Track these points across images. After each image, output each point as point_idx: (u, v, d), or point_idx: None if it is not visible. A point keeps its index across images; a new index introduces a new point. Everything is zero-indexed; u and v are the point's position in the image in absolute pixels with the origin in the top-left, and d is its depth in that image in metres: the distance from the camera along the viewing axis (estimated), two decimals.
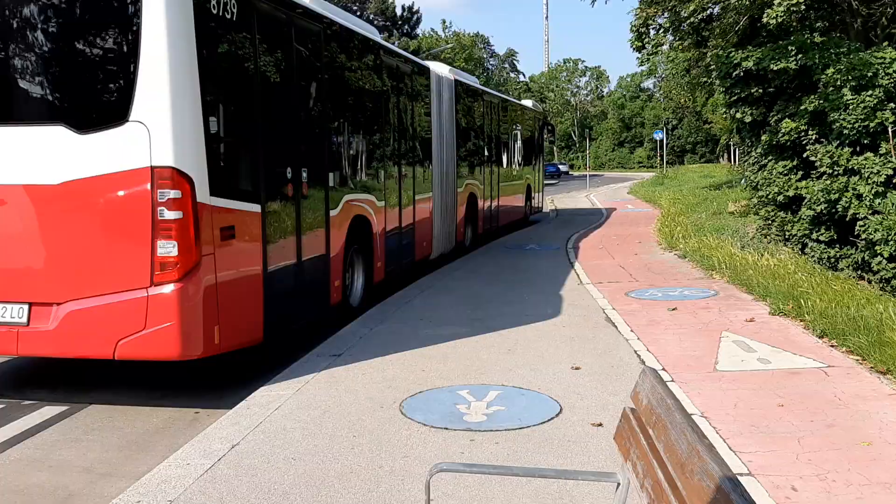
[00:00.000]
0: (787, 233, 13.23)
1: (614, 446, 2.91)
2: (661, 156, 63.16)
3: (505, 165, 19.20)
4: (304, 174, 7.60)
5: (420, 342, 7.57)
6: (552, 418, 5.37)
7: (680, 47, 23.58)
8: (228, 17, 6.24)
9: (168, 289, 5.60)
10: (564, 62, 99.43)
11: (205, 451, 4.82)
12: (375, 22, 49.87)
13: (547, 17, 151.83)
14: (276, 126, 7.15)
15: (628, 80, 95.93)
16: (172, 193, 5.55)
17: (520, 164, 21.18)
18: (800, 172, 12.71)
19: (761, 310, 8.79)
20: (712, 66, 16.06)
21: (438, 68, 14.01)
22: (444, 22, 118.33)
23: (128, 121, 5.57)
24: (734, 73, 13.30)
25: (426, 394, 5.95)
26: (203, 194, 5.76)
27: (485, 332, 7.99)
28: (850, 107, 11.43)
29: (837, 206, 11.49)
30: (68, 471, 4.97)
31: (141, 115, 5.55)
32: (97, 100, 5.80)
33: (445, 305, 9.51)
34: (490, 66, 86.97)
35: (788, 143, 12.64)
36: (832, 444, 4.81)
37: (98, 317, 5.69)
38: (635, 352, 7.11)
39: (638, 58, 24.27)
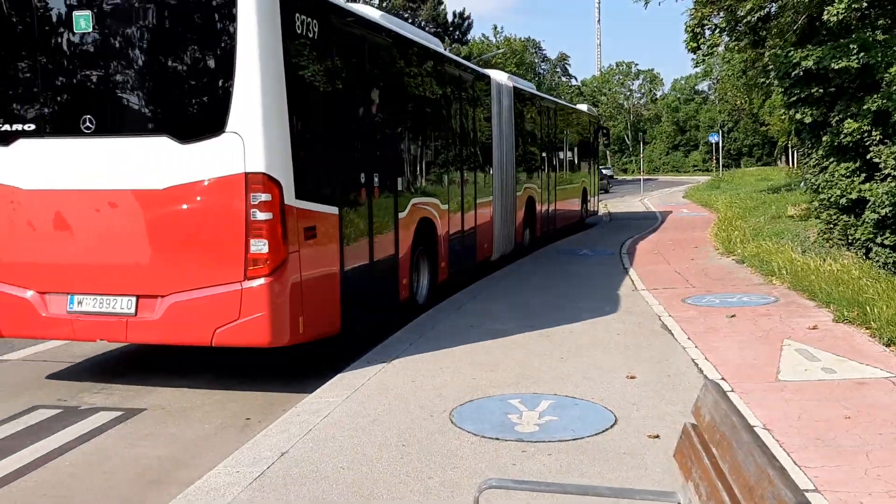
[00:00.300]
0: (850, 237, 12.82)
1: (672, 461, 2.77)
2: (717, 159, 62.15)
3: (561, 170, 19.25)
4: (376, 179, 8.10)
5: (472, 349, 7.47)
6: (607, 429, 5.22)
7: (736, 48, 23.14)
8: (311, 35, 6.80)
9: (260, 283, 6.15)
10: (617, 65, 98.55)
11: (254, 459, 4.80)
12: (427, 29, 50.06)
13: (599, 21, 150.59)
14: (350, 134, 7.67)
15: (682, 82, 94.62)
16: (263, 197, 6.10)
17: (576, 168, 21.23)
18: (863, 174, 12.33)
19: (824, 317, 8.49)
20: (770, 67, 15.68)
21: (498, 76, 14.24)
22: (495, 27, 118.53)
23: (224, 132, 6.14)
24: (793, 73, 12.96)
25: (477, 402, 5.85)
26: (290, 197, 6.30)
27: (537, 338, 7.86)
28: None
29: None
30: (120, 477, 5.00)
31: (236, 126, 6.11)
32: (197, 114, 6.40)
33: (499, 310, 9.40)
34: (541, 71, 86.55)
35: (851, 145, 12.26)
36: None
37: (198, 308, 6.25)
38: (693, 360, 6.90)
39: (693, 59, 23.85)
